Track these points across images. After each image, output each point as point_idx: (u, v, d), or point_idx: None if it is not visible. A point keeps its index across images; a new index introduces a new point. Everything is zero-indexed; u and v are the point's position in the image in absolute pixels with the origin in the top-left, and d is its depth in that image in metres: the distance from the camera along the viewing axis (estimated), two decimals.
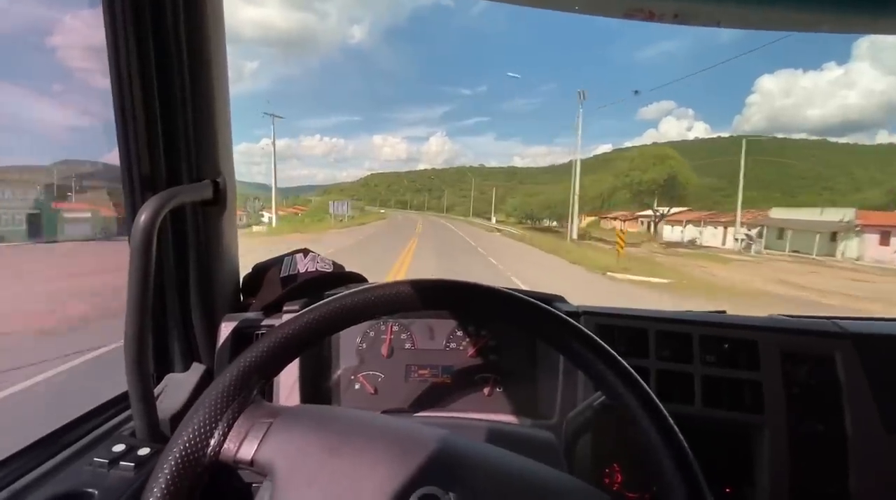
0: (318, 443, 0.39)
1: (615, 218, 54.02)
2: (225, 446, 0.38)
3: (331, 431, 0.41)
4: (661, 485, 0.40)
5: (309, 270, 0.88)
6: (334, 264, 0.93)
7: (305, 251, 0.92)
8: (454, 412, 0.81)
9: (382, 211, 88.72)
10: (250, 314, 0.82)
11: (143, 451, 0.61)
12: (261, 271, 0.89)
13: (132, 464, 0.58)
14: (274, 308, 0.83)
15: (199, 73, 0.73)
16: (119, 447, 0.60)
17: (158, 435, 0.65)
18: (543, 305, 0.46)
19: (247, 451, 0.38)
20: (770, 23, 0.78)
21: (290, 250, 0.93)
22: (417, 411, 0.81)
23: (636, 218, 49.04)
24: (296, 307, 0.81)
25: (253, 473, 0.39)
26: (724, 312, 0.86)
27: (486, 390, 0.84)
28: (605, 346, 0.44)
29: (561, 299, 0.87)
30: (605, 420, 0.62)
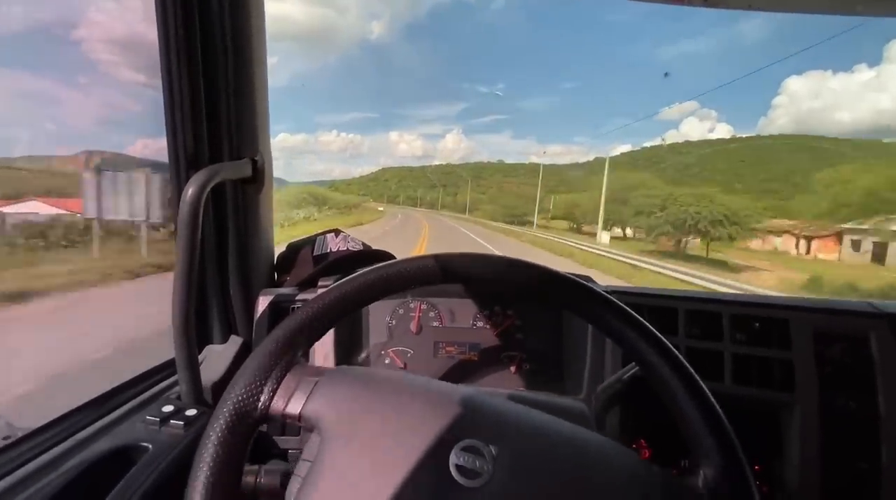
0: (363, 399, 0.41)
1: (786, 232, 32.86)
2: (274, 401, 0.40)
3: (374, 389, 0.42)
4: (697, 452, 0.39)
5: (340, 248, 0.91)
6: (363, 244, 0.96)
7: (336, 231, 0.95)
8: (482, 387, 0.82)
9: (381, 208, 72.33)
10: (286, 289, 0.85)
11: (191, 412, 0.64)
12: (295, 249, 0.92)
13: (181, 423, 0.61)
14: (308, 284, 0.86)
15: (241, 57, 0.76)
16: (168, 408, 0.64)
17: (202, 399, 0.68)
18: (580, 280, 0.47)
19: (295, 406, 0.40)
20: (802, 6, 0.78)
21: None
22: None
23: (834, 235, 28.36)
24: (329, 283, 0.83)
25: (293, 435, 0.41)
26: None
27: (512, 368, 0.86)
28: (641, 319, 0.44)
29: (589, 280, 0.88)
30: (634, 394, 0.63)
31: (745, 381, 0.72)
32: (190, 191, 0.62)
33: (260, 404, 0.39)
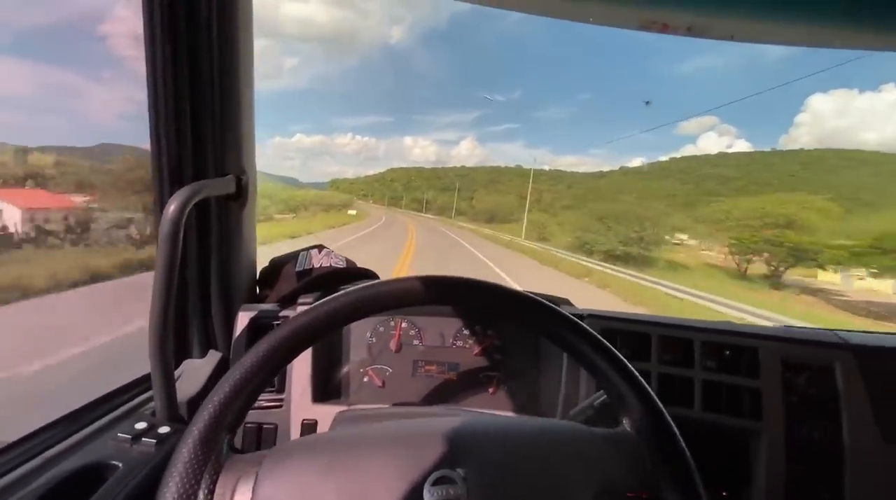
0: (316, 468, 0.39)
1: None
2: None
3: (324, 454, 0.40)
4: (622, 407, 0.46)
5: (323, 265, 0.92)
6: (347, 260, 0.96)
7: (320, 247, 0.95)
8: (458, 408, 0.83)
9: (352, 212, 51.32)
10: (266, 305, 0.85)
11: (164, 429, 0.64)
12: (277, 264, 0.93)
13: (153, 440, 0.61)
14: (289, 300, 0.86)
15: (227, 74, 0.77)
16: (141, 425, 0.64)
17: (177, 416, 0.68)
18: (552, 305, 0.48)
19: None
20: (782, 38, 0.80)
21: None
22: (423, 406, 0.83)
23: None
24: (310, 300, 0.84)
25: None
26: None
27: (490, 389, 0.86)
28: (610, 346, 0.46)
29: (567, 302, 0.89)
30: (606, 419, 0.64)
31: (714, 408, 0.74)
32: (172, 207, 0.62)
33: None
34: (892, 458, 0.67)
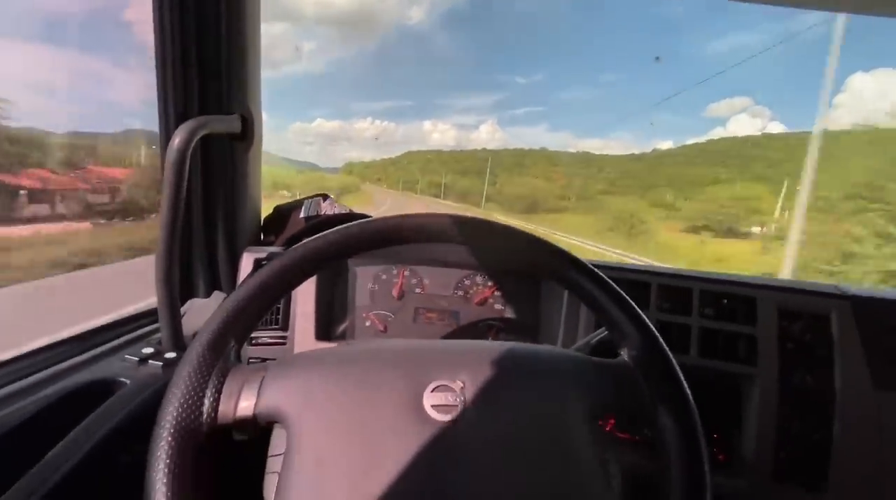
0: (321, 376, 0.40)
1: None
2: (221, 409, 0.37)
3: (328, 363, 0.41)
4: (622, 339, 0.46)
5: (328, 212, 0.92)
6: (350, 209, 0.97)
7: (325, 196, 0.96)
8: None
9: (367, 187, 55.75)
10: (270, 247, 0.86)
11: (170, 354, 0.65)
12: (282, 211, 0.93)
13: (160, 363, 0.63)
14: (293, 242, 0.87)
15: (233, 14, 0.76)
16: (148, 350, 0.66)
17: (182, 345, 0.70)
18: (552, 243, 0.48)
19: (246, 407, 0.37)
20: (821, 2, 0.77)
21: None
22: None
23: None
24: None
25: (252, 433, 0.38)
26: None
27: (489, 335, 0.87)
28: (610, 281, 0.47)
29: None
30: (603, 356, 0.65)
31: (710, 354, 0.74)
32: (177, 140, 0.63)
33: (204, 416, 0.36)
34: (880, 403, 0.68)
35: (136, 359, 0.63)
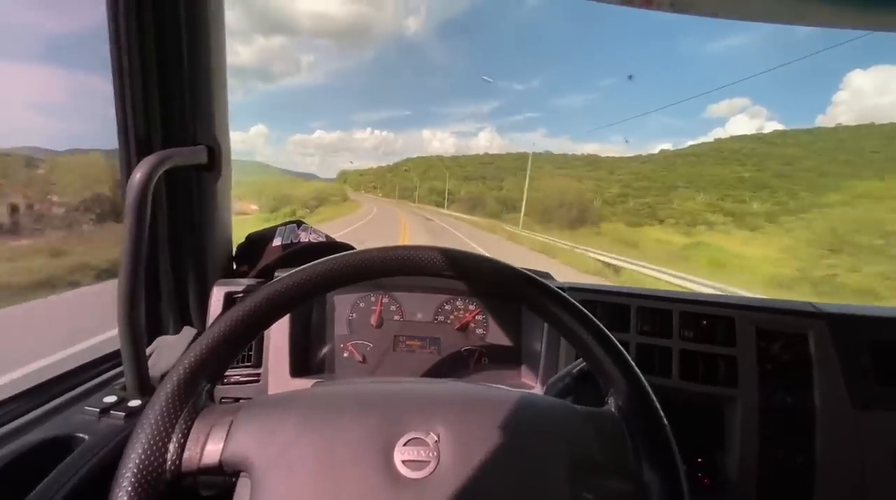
0: (289, 425, 0.38)
1: None
2: (186, 455, 0.35)
3: (297, 410, 0.40)
4: (608, 386, 0.45)
5: (302, 240, 0.90)
6: (327, 236, 0.95)
7: (299, 222, 0.94)
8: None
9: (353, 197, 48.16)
10: (242, 280, 0.84)
11: (134, 402, 0.62)
12: (254, 240, 0.91)
13: (122, 413, 0.60)
14: (265, 274, 0.85)
15: (197, 36, 0.74)
16: (110, 398, 0.62)
17: (148, 390, 0.66)
18: (540, 279, 0.47)
19: (212, 454, 0.36)
20: (767, 14, 0.79)
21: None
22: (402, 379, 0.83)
23: None
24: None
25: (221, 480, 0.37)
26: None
27: (471, 362, 0.86)
28: (598, 322, 0.46)
29: (547, 276, 0.89)
30: (584, 387, 0.64)
31: (691, 377, 0.74)
32: (138, 175, 0.60)
33: (168, 463, 0.35)
34: (860, 423, 0.69)
35: (97, 410, 0.59)
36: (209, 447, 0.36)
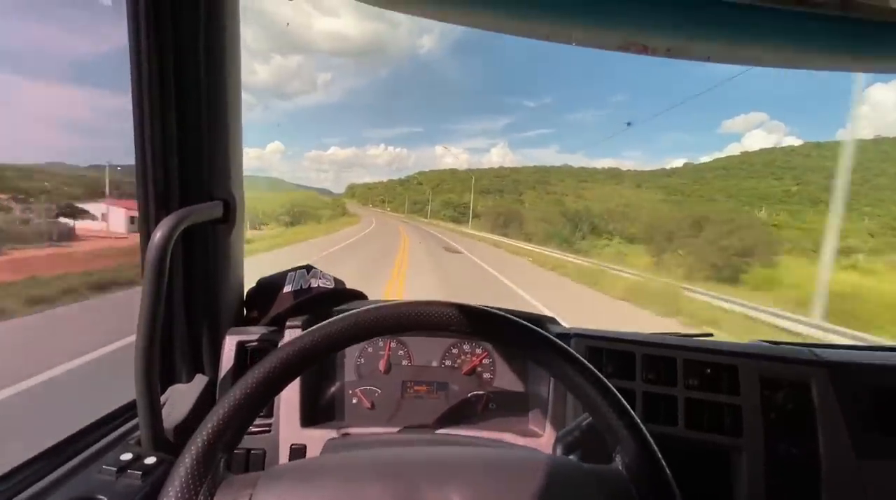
0: (310, 495, 0.39)
1: None
2: None
3: (315, 483, 0.41)
4: (615, 444, 0.45)
5: (312, 285, 0.92)
6: (335, 280, 0.97)
7: (308, 267, 0.96)
8: (447, 429, 0.83)
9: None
10: (253, 328, 0.85)
11: (150, 460, 0.63)
12: (265, 285, 0.92)
13: (139, 472, 0.61)
14: (277, 322, 0.86)
15: (215, 100, 0.77)
16: (126, 456, 0.63)
17: (163, 445, 0.68)
18: (537, 328, 0.49)
19: None
20: (757, 59, 0.82)
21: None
22: (411, 427, 0.84)
23: None
24: (298, 323, 0.84)
25: None
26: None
27: (479, 408, 0.87)
28: (593, 369, 0.47)
29: (553, 321, 0.90)
30: (593, 441, 0.65)
31: (697, 425, 0.75)
32: (158, 234, 0.62)
33: None
34: (865, 474, 0.69)
35: (114, 469, 0.61)
36: None
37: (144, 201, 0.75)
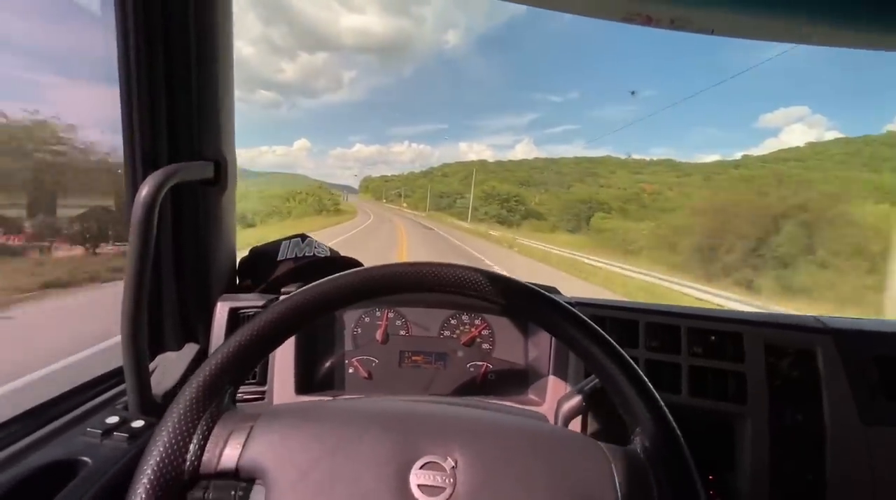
0: (307, 436, 0.39)
1: None
2: (205, 457, 0.36)
3: (317, 422, 0.40)
4: (635, 424, 0.43)
5: (306, 254, 0.89)
6: (331, 249, 0.94)
7: (303, 236, 0.93)
8: (446, 398, 0.82)
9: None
10: (245, 295, 0.83)
11: (137, 423, 0.61)
12: (258, 253, 0.90)
13: (126, 435, 0.58)
14: (270, 290, 0.84)
15: (205, 53, 0.73)
16: (113, 419, 0.61)
17: (151, 409, 0.65)
18: (542, 291, 0.47)
19: (230, 459, 0.36)
20: (763, 32, 0.81)
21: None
22: (410, 396, 0.82)
23: None
24: (292, 289, 0.81)
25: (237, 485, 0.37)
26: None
27: (478, 378, 0.86)
28: (600, 330, 0.45)
29: (555, 291, 0.89)
30: (596, 405, 0.64)
31: (701, 393, 0.74)
32: (144, 191, 0.59)
33: (187, 463, 0.35)
34: (869, 439, 0.69)
35: (100, 431, 0.58)
36: (227, 451, 0.37)
37: (131, 159, 0.72)
